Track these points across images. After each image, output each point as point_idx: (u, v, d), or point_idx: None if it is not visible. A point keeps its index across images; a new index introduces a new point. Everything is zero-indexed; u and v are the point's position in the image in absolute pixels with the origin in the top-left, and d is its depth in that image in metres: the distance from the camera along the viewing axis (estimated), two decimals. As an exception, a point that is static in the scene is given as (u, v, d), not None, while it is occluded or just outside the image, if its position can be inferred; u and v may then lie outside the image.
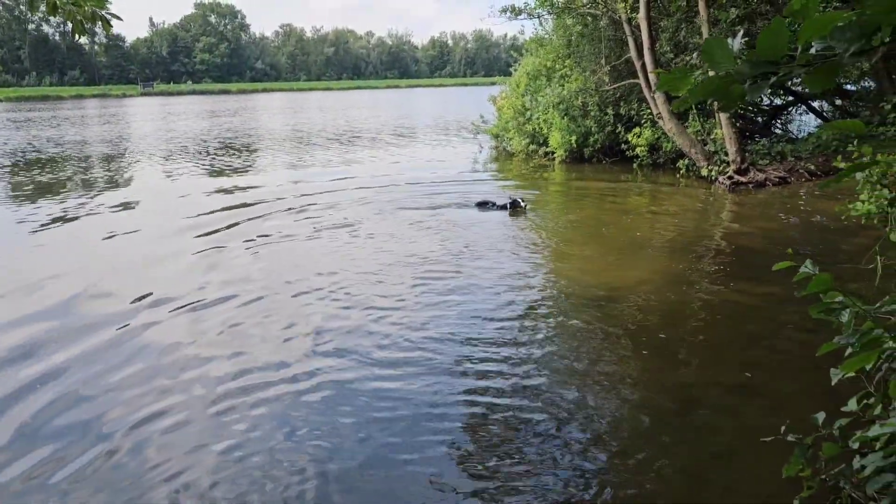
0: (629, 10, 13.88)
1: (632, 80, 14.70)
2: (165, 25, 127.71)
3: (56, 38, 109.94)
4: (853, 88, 16.75)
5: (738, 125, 13.78)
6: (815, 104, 16.83)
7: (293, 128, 31.69)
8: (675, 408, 4.45)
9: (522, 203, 10.52)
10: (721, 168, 12.62)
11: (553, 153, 16.58)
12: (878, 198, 6.38)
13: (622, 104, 15.62)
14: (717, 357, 5.28)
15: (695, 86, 1.44)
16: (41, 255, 8.87)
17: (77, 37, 3.74)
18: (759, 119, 17.50)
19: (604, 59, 15.73)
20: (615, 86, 15.51)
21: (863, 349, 1.84)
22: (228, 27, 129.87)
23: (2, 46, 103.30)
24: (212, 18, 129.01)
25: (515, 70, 19.39)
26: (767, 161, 12.95)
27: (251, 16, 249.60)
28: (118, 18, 3.71)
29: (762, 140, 14.75)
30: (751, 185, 12.08)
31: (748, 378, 4.79)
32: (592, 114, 15.85)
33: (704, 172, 12.87)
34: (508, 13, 17.15)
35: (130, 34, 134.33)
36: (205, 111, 48.20)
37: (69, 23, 3.61)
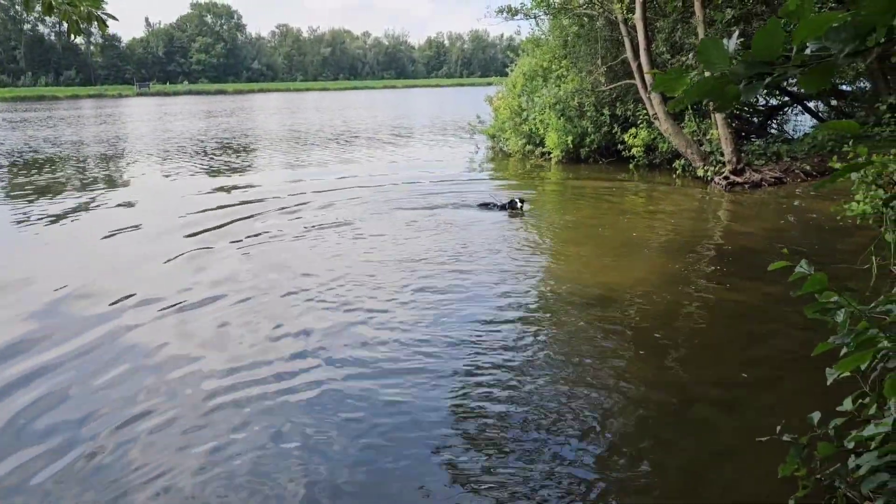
0: (625, 11, 13.89)
1: (628, 81, 14.73)
2: (161, 25, 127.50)
3: (52, 39, 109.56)
4: (849, 89, 16.80)
5: (734, 125, 13.82)
6: (811, 105, 16.88)
7: (290, 128, 31.63)
8: (672, 407, 4.46)
9: (520, 204, 10.53)
10: (717, 168, 12.64)
11: (549, 154, 16.59)
12: (873, 198, 6.41)
13: (618, 105, 15.63)
14: (714, 356, 5.29)
15: (690, 86, 1.44)
16: (33, 254, 8.84)
17: (73, 37, 3.74)
18: (755, 119, 17.53)
19: (600, 60, 15.75)
20: (611, 86, 15.52)
21: (858, 349, 1.85)
22: (224, 27, 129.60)
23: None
24: (208, 18, 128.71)
25: (512, 70, 19.40)
26: (763, 161, 12.97)
27: (247, 16, 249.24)
28: (114, 18, 3.71)
29: (758, 140, 14.78)
30: (746, 186, 12.10)
31: (745, 377, 4.80)
32: (589, 114, 15.86)
33: (700, 173, 12.89)
34: (505, 14, 17.16)
35: (126, 34, 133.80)
36: (201, 111, 48.08)
37: (65, 23, 3.60)
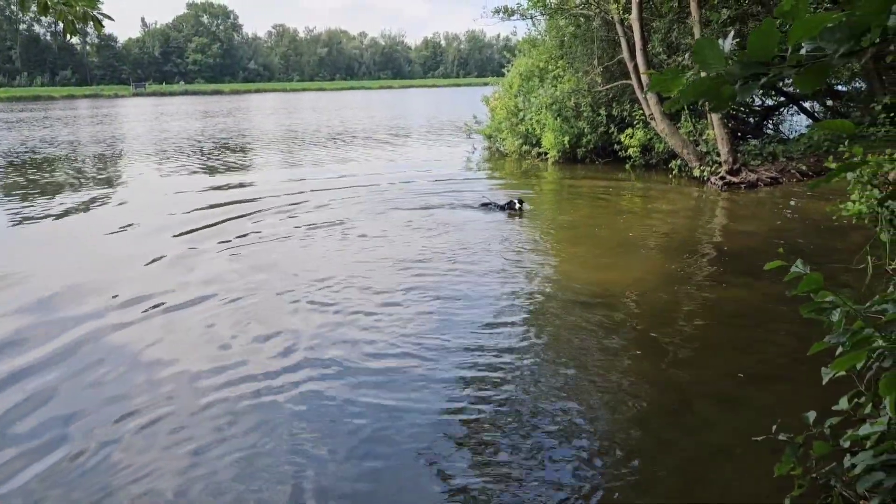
0: (621, 11, 13.91)
1: (624, 81, 14.74)
2: (157, 26, 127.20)
3: (47, 38, 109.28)
4: (844, 89, 16.86)
5: (730, 126, 13.85)
6: (807, 105, 16.93)
7: (287, 128, 31.59)
8: (669, 407, 4.46)
9: (520, 204, 10.53)
10: (713, 168, 12.66)
11: (546, 154, 16.61)
12: (869, 198, 6.43)
13: (615, 105, 15.66)
14: (711, 356, 5.29)
15: (686, 86, 1.44)
16: (27, 253, 8.82)
17: (68, 37, 3.72)
18: (751, 120, 17.56)
19: (596, 60, 15.77)
20: (608, 87, 15.54)
21: (853, 348, 1.86)
22: (221, 27, 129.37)
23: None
24: (204, 19, 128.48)
25: (508, 71, 19.42)
26: (759, 161, 13.01)
27: (244, 16, 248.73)
28: (110, 18, 3.69)
29: (754, 140, 14.80)
30: (743, 186, 12.13)
31: (741, 377, 4.81)
32: (585, 114, 15.88)
33: (696, 173, 12.91)
34: (501, 14, 17.16)
35: (122, 34, 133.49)
36: (198, 111, 48.00)
37: (60, 23, 3.59)
